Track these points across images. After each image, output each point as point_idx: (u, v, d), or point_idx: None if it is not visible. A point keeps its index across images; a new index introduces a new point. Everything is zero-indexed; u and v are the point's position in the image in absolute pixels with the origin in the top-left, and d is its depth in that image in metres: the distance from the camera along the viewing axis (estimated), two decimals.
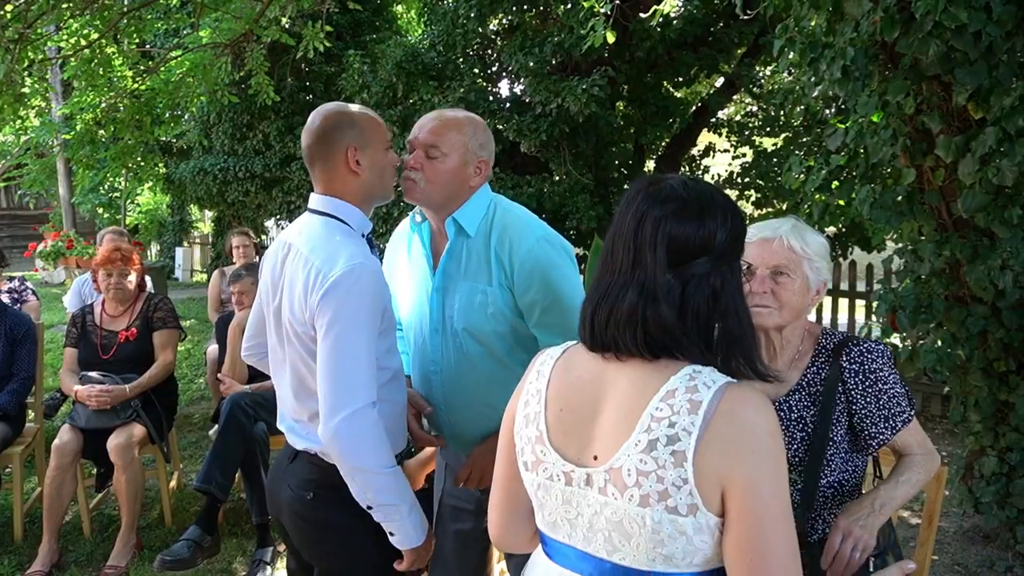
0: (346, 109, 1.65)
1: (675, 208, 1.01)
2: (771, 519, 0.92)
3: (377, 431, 1.50)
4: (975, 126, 2.77)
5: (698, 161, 8.70)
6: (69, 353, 3.43)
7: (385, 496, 1.52)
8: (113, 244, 3.55)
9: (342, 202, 1.63)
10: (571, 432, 1.05)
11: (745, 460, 0.93)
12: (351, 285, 1.50)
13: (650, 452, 0.95)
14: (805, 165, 3.59)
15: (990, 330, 3.04)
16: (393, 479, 1.53)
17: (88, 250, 10.00)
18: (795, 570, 0.93)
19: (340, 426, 1.46)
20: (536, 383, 1.12)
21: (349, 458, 1.49)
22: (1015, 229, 2.78)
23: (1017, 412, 3.04)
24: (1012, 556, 3.19)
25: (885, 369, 1.54)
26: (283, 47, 6.34)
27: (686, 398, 0.96)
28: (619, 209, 1.07)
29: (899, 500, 1.49)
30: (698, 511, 0.93)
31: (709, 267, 1.01)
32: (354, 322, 1.50)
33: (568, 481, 1.04)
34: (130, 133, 6.58)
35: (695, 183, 1.06)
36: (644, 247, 1.00)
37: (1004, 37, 2.51)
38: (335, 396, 1.48)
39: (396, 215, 6.97)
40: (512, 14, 7.16)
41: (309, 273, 1.54)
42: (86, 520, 3.38)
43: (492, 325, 1.66)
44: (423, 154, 1.65)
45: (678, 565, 0.97)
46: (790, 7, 3.16)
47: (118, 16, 5.21)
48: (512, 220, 1.69)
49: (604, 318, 1.02)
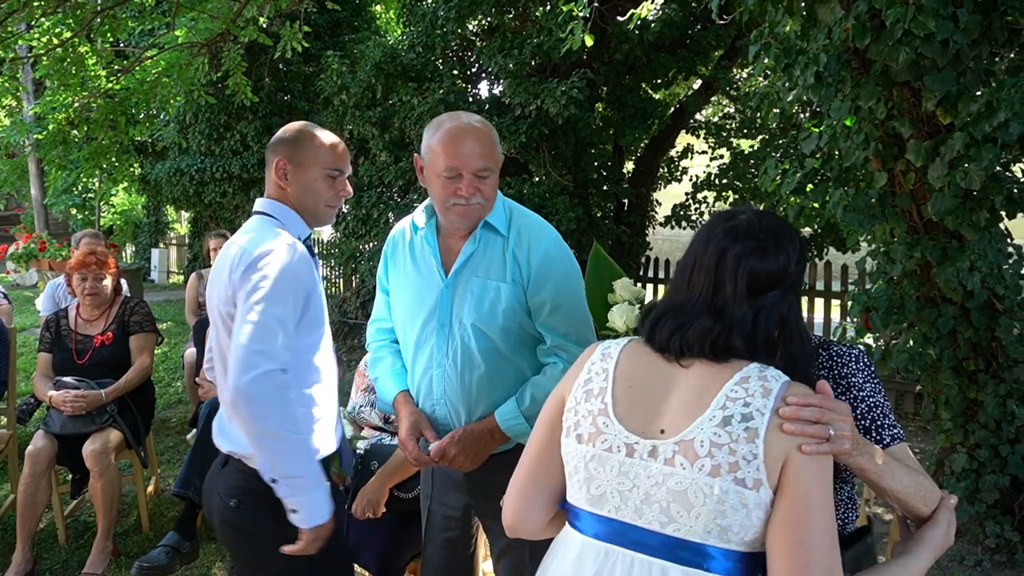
0: (301, 128, 1.75)
1: (755, 246, 1.12)
2: (816, 498, 1.00)
3: (286, 396, 1.49)
4: (944, 131, 2.84)
5: (676, 162, 8.77)
6: (43, 358, 3.38)
7: (291, 465, 1.49)
8: (88, 247, 3.50)
9: (280, 204, 1.73)
10: (637, 407, 1.12)
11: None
12: (274, 259, 1.55)
13: (725, 427, 1.04)
14: (781, 168, 3.65)
15: (959, 330, 3.11)
16: (301, 447, 1.51)
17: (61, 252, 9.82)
18: (834, 552, 1.00)
19: (246, 384, 1.44)
20: (602, 363, 1.18)
21: (254, 420, 1.45)
22: (982, 232, 2.85)
23: (985, 410, 3.12)
24: (981, 550, 3.26)
25: (860, 375, 1.39)
26: (261, 47, 6.29)
27: (759, 384, 1.06)
28: (697, 240, 1.18)
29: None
30: (761, 486, 1.01)
31: (780, 297, 1.12)
32: (274, 293, 1.52)
33: (630, 452, 1.09)
34: (104, 133, 6.48)
35: (768, 218, 1.17)
36: (724, 281, 1.11)
37: (970, 45, 2.57)
38: (245, 358, 1.46)
39: (376, 216, 6.95)
40: (491, 16, 7.16)
41: (235, 255, 1.60)
42: (61, 527, 3.33)
43: (501, 321, 1.70)
44: (475, 178, 1.65)
45: (730, 540, 1.03)
46: (765, 13, 3.21)
47: (91, 15, 5.13)
48: (527, 221, 1.77)
49: (669, 329, 1.12)
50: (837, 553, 1.01)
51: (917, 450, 4.80)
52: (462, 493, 1.88)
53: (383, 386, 1.90)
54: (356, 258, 7.55)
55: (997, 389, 3.10)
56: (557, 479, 1.21)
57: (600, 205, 7.72)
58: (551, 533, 1.25)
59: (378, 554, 2.27)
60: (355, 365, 3.18)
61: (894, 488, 1.18)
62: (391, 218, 6.91)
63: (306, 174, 1.72)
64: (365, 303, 7.42)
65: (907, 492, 1.19)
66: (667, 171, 8.75)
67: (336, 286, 10.14)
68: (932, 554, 1.18)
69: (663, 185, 8.85)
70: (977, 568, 3.18)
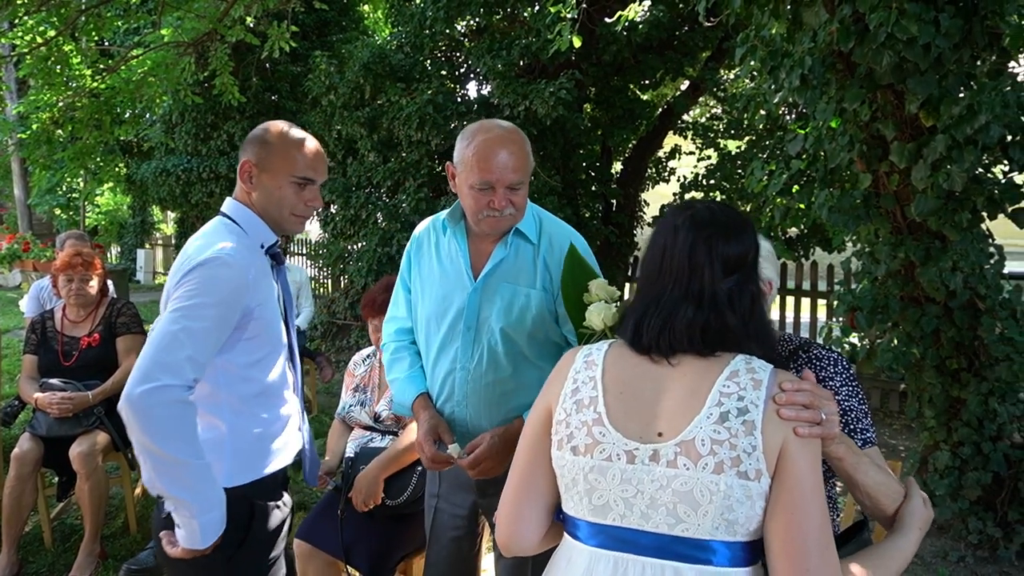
0: (273, 128, 1.65)
1: (721, 231, 1.16)
2: (811, 482, 1.04)
3: (183, 415, 1.39)
4: (926, 133, 2.88)
5: (664, 163, 8.82)
6: (29, 360, 3.35)
7: (174, 487, 1.40)
8: (74, 249, 3.46)
9: (244, 209, 1.64)
10: (632, 413, 1.12)
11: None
12: (208, 271, 1.47)
13: (723, 423, 1.06)
14: (767, 169, 3.69)
15: (943, 329, 3.16)
16: (188, 472, 1.39)
17: (46, 253, 9.73)
18: (829, 532, 1.04)
19: (138, 396, 1.35)
20: (587, 371, 1.18)
21: (141, 433, 1.36)
22: (965, 232, 2.90)
23: (968, 408, 3.16)
24: (964, 546, 3.31)
25: (837, 379, 1.45)
26: (248, 46, 6.26)
27: (749, 377, 1.09)
28: (662, 233, 1.19)
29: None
30: (762, 476, 1.04)
31: (747, 276, 1.16)
32: (200, 306, 1.44)
33: (631, 459, 1.10)
34: (89, 133, 6.43)
35: (720, 207, 1.22)
36: (701, 265, 1.14)
37: (952, 49, 2.61)
38: (148, 366, 1.38)
39: (364, 217, 6.94)
40: (480, 16, 7.17)
41: (180, 258, 1.54)
42: (47, 530, 3.30)
43: (530, 327, 1.71)
44: (508, 191, 1.66)
45: (736, 533, 1.06)
46: (751, 15, 3.24)
47: (76, 13, 5.09)
48: (558, 229, 1.80)
49: (656, 329, 1.13)
50: (831, 531, 1.04)
51: (902, 448, 4.86)
52: (469, 492, 1.89)
53: (401, 388, 1.88)
54: (344, 259, 7.53)
55: (979, 387, 3.14)
56: (550, 492, 1.21)
57: (588, 205, 7.75)
58: (546, 546, 1.25)
59: (369, 554, 2.28)
60: (344, 366, 3.18)
61: (865, 482, 1.23)
62: (379, 219, 6.90)
63: (272, 180, 1.62)
64: (354, 304, 7.40)
65: (877, 488, 1.24)
66: (655, 172, 8.79)
67: (324, 287, 10.10)
68: (919, 526, 1.22)
69: (651, 185, 8.89)
70: (960, 564, 3.23)
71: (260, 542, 1.60)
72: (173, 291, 1.49)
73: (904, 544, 1.20)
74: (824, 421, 1.08)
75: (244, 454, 1.58)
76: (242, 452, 1.58)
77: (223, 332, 1.49)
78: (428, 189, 6.67)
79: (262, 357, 1.59)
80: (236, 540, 1.54)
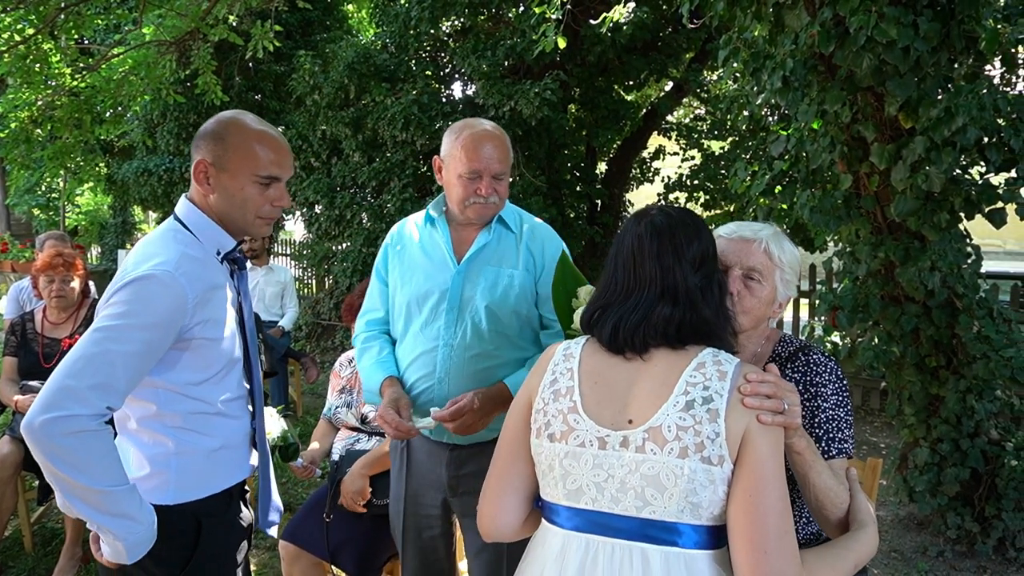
0: (228, 121, 1.48)
1: (686, 231, 1.23)
2: (771, 468, 1.10)
3: (92, 444, 1.26)
4: (906, 135, 2.92)
5: (648, 163, 8.87)
6: (8, 362, 3.30)
7: (94, 515, 1.30)
8: (55, 249, 3.42)
9: (198, 212, 1.49)
10: (605, 401, 1.18)
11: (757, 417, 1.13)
12: (144, 288, 1.33)
13: (688, 410, 1.12)
14: (750, 170, 3.72)
15: (922, 328, 3.20)
16: (104, 500, 1.28)
17: (25, 253, 9.59)
18: (788, 517, 1.08)
19: (42, 426, 1.23)
20: (565, 363, 1.25)
21: (48, 463, 1.25)
22: (943, 232, 2.94)
23: (947, 405, 3.21)
24: (943, 541, 3.37)
25: (828, 387, 1.48)
26: (231, 45, 6.22)
27: (715, 368, 1.15)
28: (629, 236, 1.25)
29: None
30: (724, 461, 1.10)
31: (711, 269, 1.24)
32: (128, 327, 1.30)
33: (602, 445, 1.16)
34: (69, 132, 6.34)
35: (677, 210, 1.29)
36: (671, 267, 1.20)
37: (930, 52, 2.66)
38: (53, 392, 1.25)
39: (349, 217, 6.91)
40: (465, 17, 7.17)
41: (119, 271, 1.41)
42: (27, 534, 3.27)
43: (513, 304, 1.82)
44: (493, 180, 1.81)
45: (700, 516, 1.11)
46: (734, 17, 3.27)
47: (55, 11, 5.03)
48: (537, 223, 1.95)
49: (633, 324, 1.19)
50: (790, 517, 1.09)
51: (883, 445, 4.92)
52: (439, 491, 1.89)
53: (369, 374, 1.89)
54: (329, 259, 7.50)
55: (957, 385, 3.20)
56: (529, 479, 1.27)
57: (573, 206, 7.78)
58: (526, 533, 1.30)
59: (356, 555, 2.28)
60: (329, 367, 3.17)
61: (817, 483, 1.28)
62: (364, 219, 6.89)
63: (233, 180, 1.46)
64: (338, 304, 7.37)
65: (826, 492, 1.29)
66: (639, 172, 8.85)
67: (309, 287, 10.05)
68: (872, 521, 1.29)
69: (635, 186, 8.95)
70: (939, 559, 3.28)
71: (211, 558, 1.49)
72: (102, 307, 1.35)
73: (862, 537, 1.25)
74: (786, 411, 1.14)
75: (191, 471, 1.46)
76: (189, 469, 1.46)
77: (153, 355, 1.35)
78: (413, 189, 6.66)
79: (210, 376, 1.46)
80: (182, 558, 1.44)
